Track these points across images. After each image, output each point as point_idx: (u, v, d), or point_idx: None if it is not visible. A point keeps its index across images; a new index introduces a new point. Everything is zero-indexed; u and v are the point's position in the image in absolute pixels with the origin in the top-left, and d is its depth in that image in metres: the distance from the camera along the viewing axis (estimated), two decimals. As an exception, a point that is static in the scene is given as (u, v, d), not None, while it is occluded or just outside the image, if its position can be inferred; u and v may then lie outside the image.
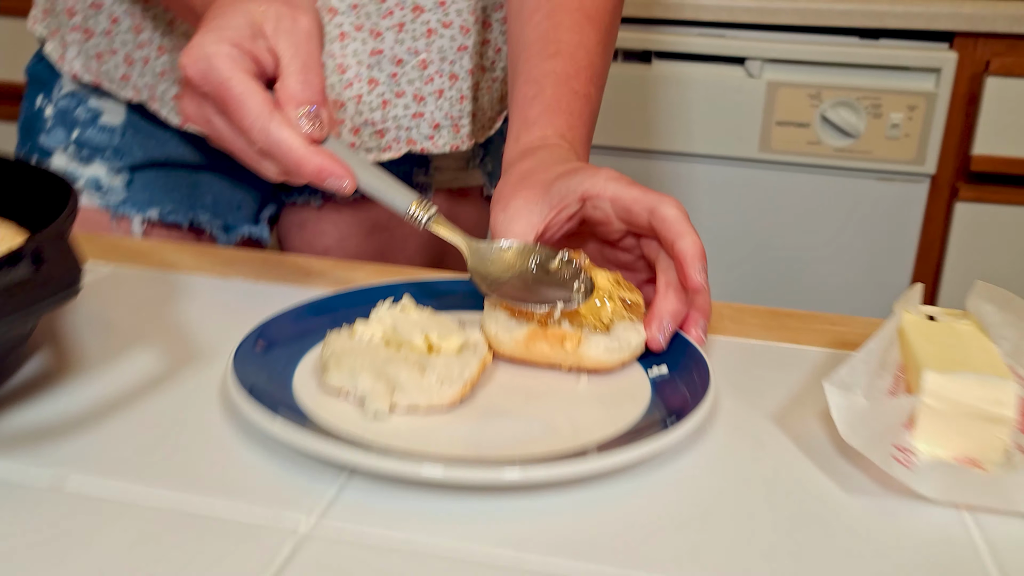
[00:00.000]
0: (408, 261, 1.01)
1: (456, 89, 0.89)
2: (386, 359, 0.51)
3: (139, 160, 0.90)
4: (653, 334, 0.58)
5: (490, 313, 0.58)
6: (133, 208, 0.90)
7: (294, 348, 0.57)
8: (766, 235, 1.74)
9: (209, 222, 0.94)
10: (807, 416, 0.55)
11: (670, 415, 0.51)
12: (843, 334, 0.68)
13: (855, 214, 1.70)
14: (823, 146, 1.66)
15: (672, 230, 0.58)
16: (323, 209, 0.99)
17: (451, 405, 0.51)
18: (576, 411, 0.53)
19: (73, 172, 0.89)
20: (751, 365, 0.62)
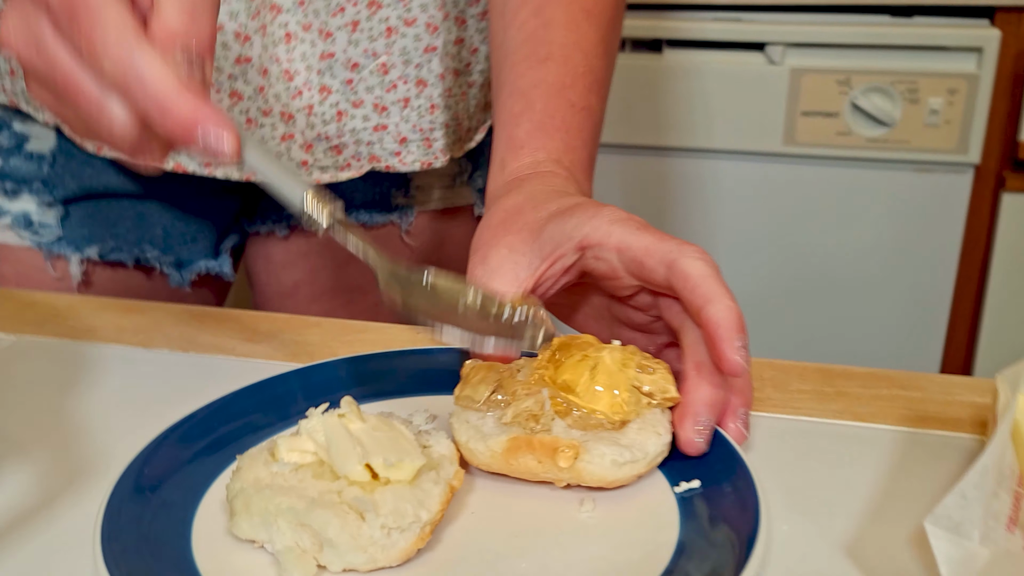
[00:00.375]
0: None
1: (425, 97, 0.75)
2: (312, 500, 0.37)
3: (73, 192, 0.76)
4: (687, 436, 0.44)
5: (460, 414, 0.44)
6: (69, 247, 0.77)
7: (202, 471, 0.43)
8: (793, 236, 1.59)
9: (159, 258, 0.81)
10: (890, 545, 0.41)
11: (708, 560, 0.37)
12: (919, 404, 0.54)
13: (891, 210, 1.55)
14: (854, 136, 1.51)
15: (698, 292, 0.44)
16: (290, 239, 0.86)
17: (404, 560, 0.37)
18: (580, 557, 0.39)
19: (0, 208, 0.76)
20: (807, 459, 0.48)
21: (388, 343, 0.62)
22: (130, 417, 0.51)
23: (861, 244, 1.57)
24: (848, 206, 1.56)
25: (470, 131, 0.84)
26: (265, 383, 0.50)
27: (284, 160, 0.43)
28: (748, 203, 1.59)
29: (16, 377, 0.56)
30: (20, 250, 0.77)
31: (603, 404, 0.43)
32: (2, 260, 0.77)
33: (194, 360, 0.59)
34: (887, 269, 1.57)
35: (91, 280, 0.79)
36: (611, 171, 1.61)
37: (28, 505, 0.43)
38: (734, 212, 1.59)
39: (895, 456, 0.48)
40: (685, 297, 0.45)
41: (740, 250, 1.60)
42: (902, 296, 1.58)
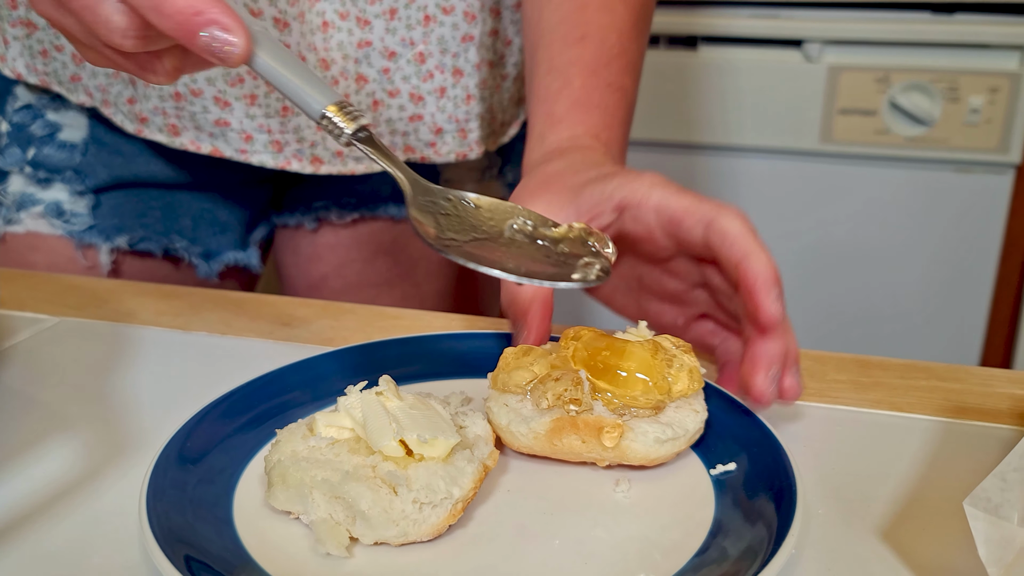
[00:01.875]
0: (418, 289, 0.87)
1: (461, 87, 0.75)
2: (346, 473, 0.37)
3: (104, 181, 0.77)
4: (760, 386, 0.44)
5: (498, 398, 0.44)
6: (99, 236, 0.78)
7: (243, 444, 0.44)
8: (829, 237, 1.57)
9: (187, 249, 0.81)
10: (926, 531, 0.40)
11: (743, 539, 0.37)
12: (957, 395, 0.53)
13: (930, 210, 1.52)
14: (892, 135, 1.49)
15: (736, 248, 0.45)
16: (318, 232, 0.87)
17: (435, 536, 0.37)
18: (615, 536, 0.39)
19: (32, 196, 0.77)
20: (844, 447, 0.47)
21: (422, 329, 0.62)
22: (169, 396, 0.52)
23: (899, 244, 1.55)
24: (886, 206, 1.54)
25: (503, 124, 0.84)
26: (305, 363, 0.50)
27: (310, 67, 0.39)
28: (784, 202, 1.57)
29: (58, 357, 0.57)
30: (51, 239, 0.78)
31: (636, 388, 0.43)
32: (34, 249, 0.78)
33: (231, 343, 0.60)
34: (926, 268, 1.55)
35: (120, 269, 0.80)
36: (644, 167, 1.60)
37: (73, 478, 0.44)
38: (769, 211, 1.58)
39: (932, 445, 0.47)
40: (723, 254, 0.45)
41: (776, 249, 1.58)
42: (941, 295, 1.56)
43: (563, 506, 0.41)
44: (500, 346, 0.49)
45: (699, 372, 0.45)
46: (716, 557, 0.36)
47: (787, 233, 1.58)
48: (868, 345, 1.59)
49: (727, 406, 0.46)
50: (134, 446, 0.46)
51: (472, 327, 0.63)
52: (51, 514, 0.40)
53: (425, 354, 0.53)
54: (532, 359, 0.45)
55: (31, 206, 0.77)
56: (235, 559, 0.36)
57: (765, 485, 0.40)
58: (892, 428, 0.49)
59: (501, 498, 0.41)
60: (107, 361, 0.57)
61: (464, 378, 0.52)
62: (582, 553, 0.37)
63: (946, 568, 0.38)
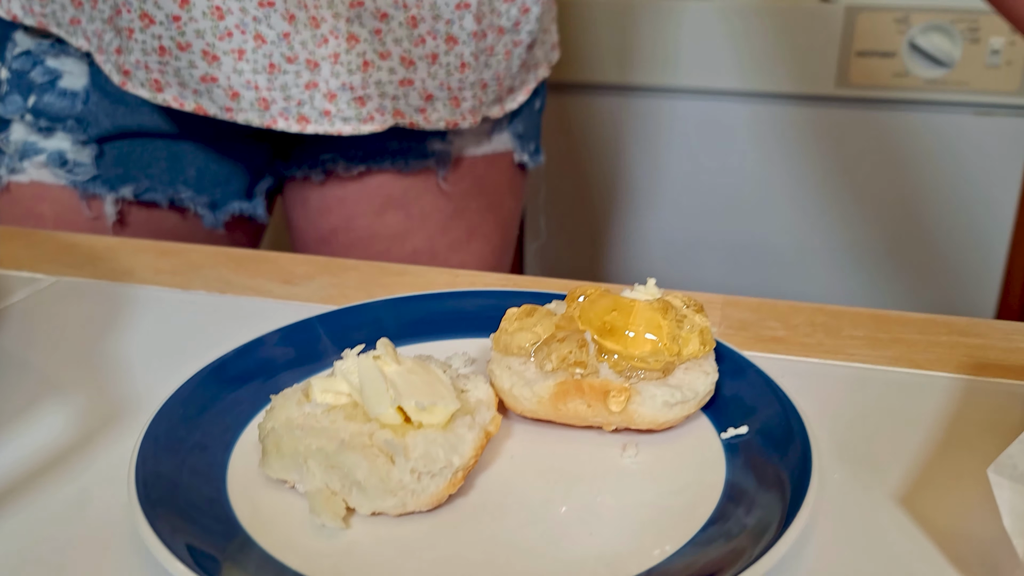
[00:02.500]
0: (430, 243, 0.86)
1: (455, 55, 0.73)
2: (342, 442, 0.36)
3: (107, 130, 0.76)
4: None
5: (501, 360, 0.43)
6: (104, 186, 0.77)
7: (237, 410, 0.42)
8: (847, 182, 1.54)
9: (192, 199, 0.80)
10: (947, 495, 0.39)
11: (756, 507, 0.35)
12: (979, 351, 0.51)
13: (949, 155, 1.49)
14: (912, 78, 1.45)
15: None
16: (325, 184, 0.85)
17: (435, 506, 0.36)
18: (624, 502, 0.37)
19: (34, 145, 0.75)
20: (860, 408, 0.46)
21: (426, 286, 0.60)
22: (167, 357, 0.51)
23: (916, 190, 1.52)
24: (903, 151, 1.50)
25: (511, 91, 0.82)
26: (302, 324, 0.49)
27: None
28: (799, 148, 1.54)
29: (54, 317, 0.56)
30: (56, 189, 0.76)
31: (644, 349, 0.41)
32: (40, 199, 0.76)
33: (231, 302, 0.58)
34: (943, 217, 1.52)
35: (126, 220, 0.78)
36: (659, 115, 1.57)
37: (65, 444, 0.43)
38: (783, 157, 1.55)
39: (953, 404, 0.46)
40: None
41: (792, 196, 1.56)
42: (957, 241, 1.53)
43: (568, 472, 0.39)
44: (505, 305, 0.47)
45: (710, 333, 0.43)
46: (728, 525, 0.35)
47: (801, 180, 1.55)
48: (881, 297, 1.57)
49: (738, 367, 0.44)
50: (128, 411, 0.45)
51: (477, 284, 0.61)
52: (42, 483, 0.39)
53: (427, 314, 0.51)
54: (536, 320, 0.43)
55: (34, 155, 0.75)
56: (228, 532, 0.34)
57: (778, 449, 0.39)
58: (911, 387, 0.48)
59: (504, 465, 0.40)
60: (104, 321, 0.56)
61: (467, 337, 0.50)
62: (589, 521, 0.36)
63: (967, 536, 0.36)
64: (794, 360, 0.50)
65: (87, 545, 0.36)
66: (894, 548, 0.35)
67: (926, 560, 0.35)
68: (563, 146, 1.62)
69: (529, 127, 0.89)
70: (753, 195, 1.56)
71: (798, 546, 0.35)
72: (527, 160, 0.89)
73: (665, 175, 1.59)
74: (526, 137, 0.89)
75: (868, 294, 1.58)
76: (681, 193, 1.60)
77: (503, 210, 0.90)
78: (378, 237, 0.86)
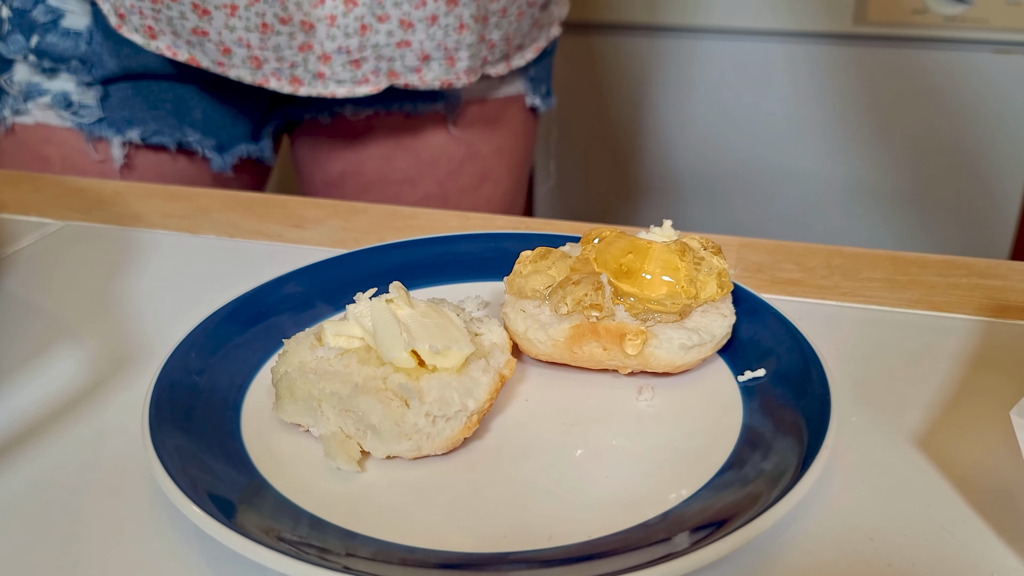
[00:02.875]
0: (441, 187, 0.85)
1: (454, 16, 0.71)
2: (356, 386, 0.35)
3: (112, 71, 0.74)
4: None
5: (515, 303, 0.42)
6: (110, 129, 0.76)
7: (250, 354, 0.42)
8: (863, 123, 1.52)
9: (200, 142, 0.79)
10: (966, 437, 0.38)
11: (773, 451, 0.35)
12: (999, 293, 0.50)
13: (969, 93, 1.46)
14: (931, 15, 1.42)
15: None
16: (334, 127, 0.84)
17: (450, 449, 0.36)
18: (640, 446, 0.37)
19: (38, 86, 0.74)
20: (878, 350, 0.45)
21: (438, 229, 0.60)
22: (177, 302, 0.51)
23: (934, 130, 1.49)
24: (921, 90, 1.48)
25: (520, 48, 0.80)
26: (313, 267, 0.48)
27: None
28: (813, 88, 1.51)
29: (64, 263, 0.56)
30: (62, 131, 0.76)
31: (661, 292, 0.40)
32: (46, 141, 0.76)
33: (240, 246, 0.58)
34: (962, 157, 1.50)
35: (133, 164, 0.77)
36: (665, 55, 1.54)
37: (78, 388, 0.42)
38: (797, 98, 1.52)
39: (973, 347, 0.45)
40: None
41: (806, 137, 1.53)
42: (974, 180, 1.51)
43: (584, 416, 0.39)
44: (518, 247, 0.47)
45: (728, 275, 0.42)
46: (745, 470, 0.35)
47: (817, 120, 1.53)
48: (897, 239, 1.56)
49: (756, 309, 0.44)
50: (139, 356, 0.45)
51: (489, 227, 0.60)
52: (56, 429, 0.39)
53: (440, 256, 0.51)
54: (550, 262, 0.42)
55: (38, 96, 0.74)
56: (242, 475, 0.34)
57: (796, 392, 0.38)
58: (930, 329, 0.47)
59: (519, 409, 0.40)
60: (113, 266, 0.55)
61: (480, 280, 0.50)
62: (604, 465, 0.36)
63: (988, 478, 0.36)
64: (811, 303, 0.50)
65: (103, 489, 0.36)
66: (912, 491, 0.35)
67: (945, 503, 0.34)
68: (575, 88, 1.60)
69: (541, 71, 0.88)
70: (769, 136, 1.54)
71: (815, 490, 0.35)
72: (539, 103, 0.88)
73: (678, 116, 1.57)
74: (538, 80, 0.87)
75: (885, 235, 1.56)
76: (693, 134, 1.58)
77: (515, 154, 0.89)
78: (388, 181, 0.85)
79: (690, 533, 0.31)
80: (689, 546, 0.29)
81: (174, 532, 0.33)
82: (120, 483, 0.36)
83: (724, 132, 1.56)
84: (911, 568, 0.31)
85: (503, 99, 0.85)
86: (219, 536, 0.30)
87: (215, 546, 0.32)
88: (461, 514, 0.33)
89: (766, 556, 0.32)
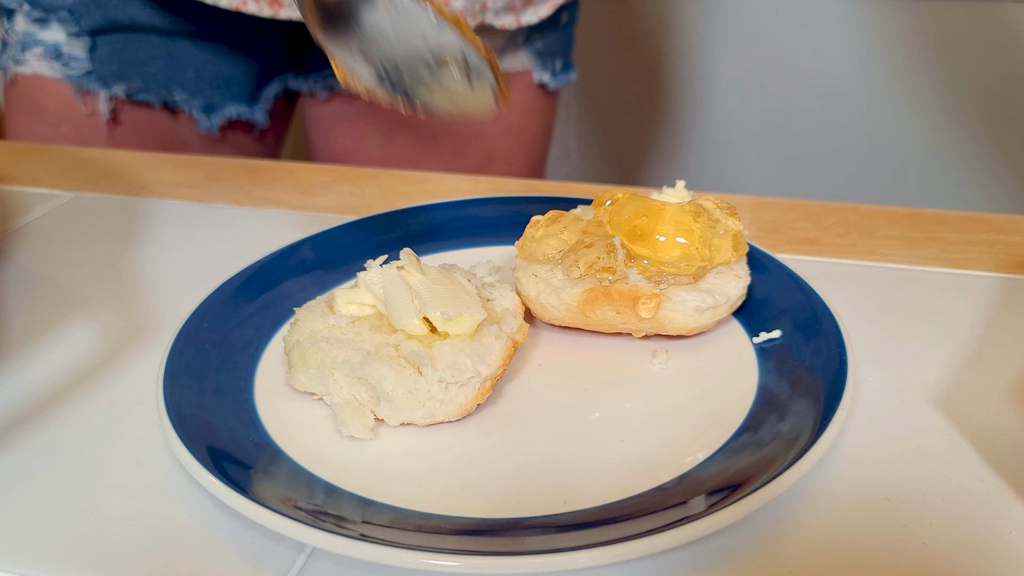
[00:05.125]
0: (444, 167, 0.83)
1: None
2: (368, 353, 0.35)
3: (99, 23, 0.73)
4: None
5: (527, 268, 0.42)
6: (98, 82, 0.75)
7: (262, 322, 0.42)
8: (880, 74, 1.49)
9: (187, 101, 0.78)
10: (985, 396, 0.38)
11: (790, 413, 0.35)
12: (1019, 248, 0.50)
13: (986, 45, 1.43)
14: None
15: None
16: (332, 102, 0.83)
17: (464, 416, 0.36)
18: (656, 408, 0.37)
19: (33, 36, 0.74)
20: (895, 308, 0.45)
21: (447, 194, 0.59)
22: (188, 272, 0.50)
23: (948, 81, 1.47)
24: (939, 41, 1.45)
25: (527, 3, 0.77)
26: (323, 235, 0.48)
27: None
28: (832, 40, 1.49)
29: (74, 234, 0.56)
30: (55, 82, 0.75)
31: (675, 254, 0.40)
32: (42, 92, 0.75)
33: (250, 214, 0.58)
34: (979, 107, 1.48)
35: (119, 119, 0.77)
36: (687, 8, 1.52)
37: (92, 362, 0.42)
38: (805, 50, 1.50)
39: (992, 304, 0.45)
40: None
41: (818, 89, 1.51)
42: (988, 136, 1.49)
43: (598, 380, 0.39)
44: (529, 211, 0.46)
45: (743, 236, 0.41)
46: (761, 432, 0.34)
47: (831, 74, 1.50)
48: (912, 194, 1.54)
49: (770, 270, 0.43)
50: (152, 326, 0.45)
51: (500, 191, 0.60)
52: (71, 400, 0.39)
53: (450, 222, 0.50)
54: (562, 226, 0.42)
55: (33, 46, 0.74)
56: (257, 445, 0.34)
57: (812, 353, 0.38)
58: (948, 287, 0.46)
59: (532, 374, 0.39)
60: (123, 237, 0.55)
61: (491, 245, 0.49)
62: (619, 429, 0.36)
63: (1006, 437, 0.35)
64: (827, 262, 0.49)
65: (120, 460, 0.36)
66: (930, 451, 0.35)
67: (962, 462, 0.34)
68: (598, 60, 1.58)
69: (552, 44, 0.84)
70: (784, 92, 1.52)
71: (832, 451, 0.35)
72: (548, 80, 0.85)
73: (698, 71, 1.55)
74: (548, 55, 0.84)
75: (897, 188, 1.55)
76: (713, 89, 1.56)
77: (526, 133, 0.86)
78: (390, 160, 0.84)
79: (706, 496, 0.31)
80: (705, 509, 0.29)
81: (191, 502, 0.33)
82: (136, 453, 0.36)
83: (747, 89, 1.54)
84: (928, 528, 0.31)
85: (510, 74, 0.83)
86: (236, 505, 0.30)
87: (232, 515, 0.32)
88: (476, 480, 0.33)
89: (782, 517, 0.32)
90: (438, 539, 0.29)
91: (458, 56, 0.34)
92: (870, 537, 0.31)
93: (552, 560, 0.27)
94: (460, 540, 0.29)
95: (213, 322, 0.41)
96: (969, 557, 0.30)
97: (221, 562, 0.31)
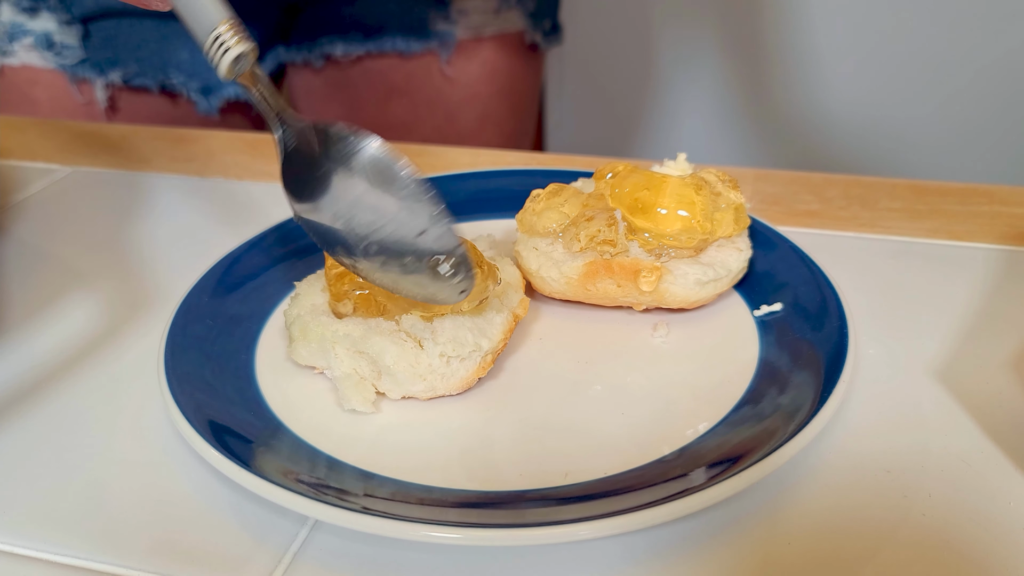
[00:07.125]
0: (440, 133, 0.83)
1: None
2: (369, 327, 0.35)
3: (90, 9, 0.73)
4: None
5: (527, 241, 0.42)
6: (93, 70, 0.74)
7: (263, 297, 0.42)
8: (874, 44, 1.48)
9: (185, 84, 0.77)
10: (985, 367, 0.38)
11: (790, 385, 0.35)
12: (1021, 220, 0.50)
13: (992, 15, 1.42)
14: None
15: None
16: (326, 71, 0.82)
17: (465, 389, 0.36)
18: (658, 381, 0.37)
19: (22, 26, 0.73)
20: (897, 280, 0.44)
21: (447, 166, 0.59)
22: (188, 246, 0.50)
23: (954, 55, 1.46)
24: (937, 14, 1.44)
25: None
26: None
27: None
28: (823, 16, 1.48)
29: (73, 209, 0.56)
30: (47, 73, 0.74)
31: (676, 227, 0.40)
32: (33, 83, 0.75)
33: (249, 188, 0.57)
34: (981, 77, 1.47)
35: (117, 106, 0.76)
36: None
37: (93, 337, 0.43)
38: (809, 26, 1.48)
39: (994, 276, 0.45)
40: None
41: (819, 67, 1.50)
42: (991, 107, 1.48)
43: (599, 353, 0.39)
44: (529, 184, 0.46)
45: (745, 210, 0.41)
46: (761, 405, 0.34)
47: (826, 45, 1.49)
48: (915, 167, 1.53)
49: (772, 242, 0.43)
50: (153, 301, 0.45)
51: (500, 163, 0.59)
52: (73, 375, 0.39)
53: (449, 195, 0.50)
54: (563, 199, 0.42)
55: (22, 37, 0.73)
56: (259, 419, 0.34)
57: (813, 326, 0.38)
58: (949, 259, 0.46)
59: (533, 347, 0.40)
60: (122, 211, 0.55)
61: (491, 219, 0.49)
62: (620, 402, 0.36)
63: (1005, 409, 0.35)
64: (829, 234, 0.49)
65: (123, 434, 0.36)
66: (930, 423, 0.35)
67: (962, 434, 0.34)
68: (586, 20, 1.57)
69: (543, 4, 0.84)
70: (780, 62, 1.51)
71: (832, 422, 0.35)
72: (539, 41, 0.84)
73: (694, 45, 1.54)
74: (538, 15, 0.83)
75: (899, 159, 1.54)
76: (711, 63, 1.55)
77: (517, 95, 0.86)
78: (384, 127, 0.83)
79: (706, 469, 0.31)
80: (705, 481, 0.29)
81: (193, 476, 0.33)
82: (138, 428, 0.36)
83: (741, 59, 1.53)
84: (927, 499, 0.31)
85: (500, 36, 0.82)
86: (238, 479, 0.30)
87: (234, 489, 0.32)
88: (477, 453, 0.33)
89: (782, 489, 0.32)
90: (439, 512, 0.29)
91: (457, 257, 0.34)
92: (870, 508, 0.31)
93: (553, 532, 0.27)
94: (461, 512, 0.30)
95: (214, 296, 0.41)
96: (968, 528, 0.30)
97: (224, 535, 0.31)
